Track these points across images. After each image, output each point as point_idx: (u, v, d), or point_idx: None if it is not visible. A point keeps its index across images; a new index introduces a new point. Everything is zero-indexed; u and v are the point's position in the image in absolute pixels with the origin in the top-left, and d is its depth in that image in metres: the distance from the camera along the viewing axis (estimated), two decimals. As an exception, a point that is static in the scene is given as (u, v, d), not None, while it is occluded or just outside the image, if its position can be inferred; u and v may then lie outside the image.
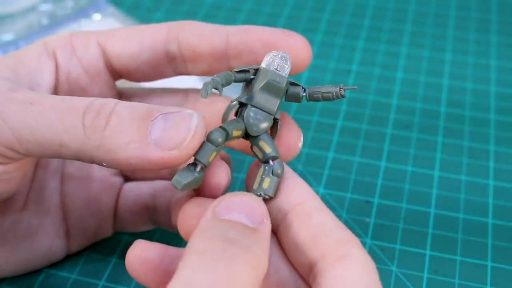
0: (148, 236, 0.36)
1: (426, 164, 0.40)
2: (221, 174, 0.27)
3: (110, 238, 0.36)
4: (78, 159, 0.26)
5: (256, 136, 0.27)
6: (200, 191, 0.27)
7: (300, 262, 0.25)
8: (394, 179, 0.40)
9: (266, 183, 0.26)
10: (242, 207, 0.24)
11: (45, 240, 0.32)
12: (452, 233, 0.36)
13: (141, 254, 0.26)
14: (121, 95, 0.33)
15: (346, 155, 0.41)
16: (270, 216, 0.26)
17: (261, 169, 0.27)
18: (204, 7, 0.55)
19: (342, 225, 0.25)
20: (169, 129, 0.25)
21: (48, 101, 0.26)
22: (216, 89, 0.26)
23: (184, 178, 0.25)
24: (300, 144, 0.29)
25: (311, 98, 0.28)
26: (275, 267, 0.26)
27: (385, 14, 0.55)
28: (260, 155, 0.27)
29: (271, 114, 0.27)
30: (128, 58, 0.30)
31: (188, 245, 0.23)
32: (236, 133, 0.27)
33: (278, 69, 0.27)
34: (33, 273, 0.34)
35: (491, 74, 0.48)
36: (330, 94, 0.27)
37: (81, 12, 0.52)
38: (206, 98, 0.25)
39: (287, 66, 0.27)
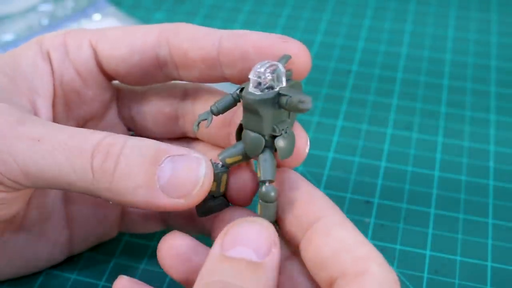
0: (149, 236, 0.36)
1: (426, 164, 0.40)
2: (244, 184, 0.28)
3: (110, 238, 0.36)
4: (84, 193, 0.26)
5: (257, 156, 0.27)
6: (232, 200, 0.29)
7: (322, 278, 0.24)
8: (394, 179, 0.40)
9: (259, 210, 0.26)
10: (248, 239, 0.24)
11: (46, 246, 0.32)
12: (452, 233, 0.36)
13: (170, 241, 0.27)
14: (118, 93, 0.33)
15: (346, 155, 0.41)
16: (289, 233, 0.26)
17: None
18: (204, 7, 0.55)
19: (364, 240, 0.24)
20: (177, 177, 0.25)
21: (57, 139, 0.26)
22: (205, 119, 0.27)
23: (200, 207, 0.28)
24: (307, 149, 0.28)
25: (290, 109, 0.25)
26: (295, 283, 0.26)
27: (385, 14, 0.55)
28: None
29: (261, 134, 0.26)
30: (118, 60, 0.29)
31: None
32: (232, 159, 0.27)
33: (255, 86, 0.25)
34: (33, 273, 0.34)
35: (491, 74, 0.48)
36: (294, 108, 0.25)
37: (81, 12, 0.52)
38: (196, 132, 0.27)
39: (266, 80, 0.25)
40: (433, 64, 0.49)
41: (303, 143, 0.28)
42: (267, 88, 0.25)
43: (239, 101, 0.27)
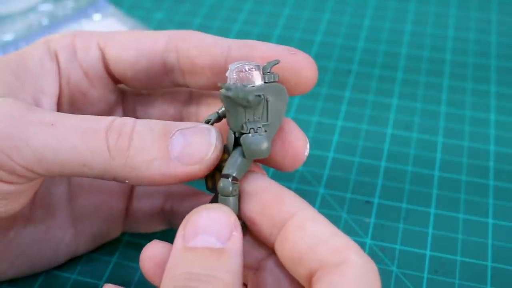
0: (149, 236, 0.36)
1: (426, 164, 0.40)
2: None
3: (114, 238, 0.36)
4: (100, 178, 0.26)
5: None
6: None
7: (300, 273, 0.25)
8: (394, 179, 0.40)
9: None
10: (208, 226, 0.24)
11: (51, 245, 0.32)
12: (452, 233, 0.36)
13: (151, 250, 0.27)
14: (123, 95, 0.33)
15: (346, 155, 0.41)
16: (264, 234, 0.26)
17: None
18: (204, 7, 0.55)
19: (339, 232, 0.25)
20: (190, 145, 0.26)
21: (69, 122, 0.26)
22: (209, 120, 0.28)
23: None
24: (307, 152, 0.28)
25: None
26: (276, 282, 0.26)
27: (385, 14, 0.55)
28: None
29: (233, 131, 0.27)
30: (125, 64, 0.30)
31: (161, 284, 0.24)
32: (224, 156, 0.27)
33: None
34: (34, 273, 0.34)
35: (491, 74, 0.48)
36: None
37: (81, 12, 0.52)
38: None
39: (230, 77, 0.26)
40: (433, 64, 0.49)
41: (301, 146, 0.28)
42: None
43: None
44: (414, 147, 0.42)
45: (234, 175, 0.26)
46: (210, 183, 0.28)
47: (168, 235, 0.36)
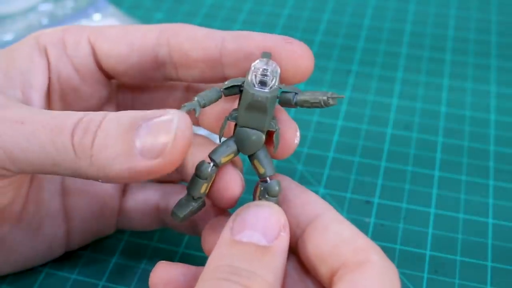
0: (149, 236, 0.36)
1: (426, 164, 0.40)
2: (232, 185, 0.27)
3: (110, 238, 0.36)
4: (74, 176, 0.25)
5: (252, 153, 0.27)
6: (215, 201, 0.28)
7: (322, 273, 0.25)
8: (394, 179, 0.40)
9: None
10: (257, 223, 0.24)
11: (45, 241, 0.32)
12: (452, 233, 0.36)
13: (165, 275, 0.27)
14: (121, 90, 0.33)
15: (346, 155, 0.41)
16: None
17: (259, 189, 0.27)
18: (204, 7, 0.55)
19: (361, 233, 0.25)
20: (150, 136, 0.24)
21: (39, 120, 0.25)
22: (193, 109, 0.26)
23: (180, 212, 0.27)
24: (297, 140, 0.28)
25: (301, 106, 0.27)
26: (297, 280, 0.26)
27: (385, 14, 0.55)
28: (257, 173, 0.27)
29: (261, 131, 0.27)
30: (116, 59, 0.29)
31: (202, 273, 0.24)
32: (226, 158, 0.27)
33: (262, 84, 0.26)
34: (33, 273, 0.34)
35: (491, 74, 0.48)
36: (319, 104, 0.26)
37: (81, 12, 0.52)
38: None
39: (272, 77, 0.26)
40: (433, 64, 0.49)
41: (292, 135, 0.27)
42: (270, 86, 0.26)
43: (221, 97, 0.27)
44: (414, 147, 0.42)
45: (274, 174, 0.27)
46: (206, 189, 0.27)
47: (168, 234, 0.36)
